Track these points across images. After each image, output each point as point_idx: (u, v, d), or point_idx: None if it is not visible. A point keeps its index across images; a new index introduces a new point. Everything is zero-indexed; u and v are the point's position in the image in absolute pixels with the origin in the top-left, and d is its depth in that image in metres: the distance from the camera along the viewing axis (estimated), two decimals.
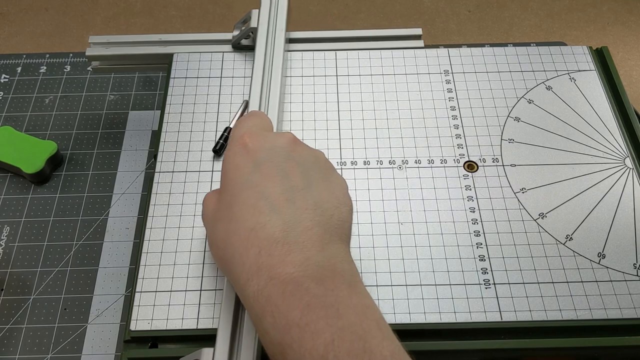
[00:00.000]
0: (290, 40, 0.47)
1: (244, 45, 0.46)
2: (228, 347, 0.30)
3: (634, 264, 0.35)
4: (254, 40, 0.44)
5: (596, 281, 0.34)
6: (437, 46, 0.47)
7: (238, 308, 0.31)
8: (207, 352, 0.30)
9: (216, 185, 0.39)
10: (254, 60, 0.43)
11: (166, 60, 0.46)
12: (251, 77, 0.42)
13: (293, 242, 0.26)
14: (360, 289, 0.27)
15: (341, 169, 0.39)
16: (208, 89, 0.44)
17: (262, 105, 0.40)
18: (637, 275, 0.35)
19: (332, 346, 0.23)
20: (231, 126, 0.41)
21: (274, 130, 0.37)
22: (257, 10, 0.46)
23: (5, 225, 0.43)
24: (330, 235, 0.28)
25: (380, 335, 0.25)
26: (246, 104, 0.42)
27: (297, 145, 0.31)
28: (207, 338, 0.32)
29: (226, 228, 0.28)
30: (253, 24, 0.45)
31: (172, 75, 0.44)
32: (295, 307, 0.24)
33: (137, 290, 0.34)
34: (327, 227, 0.28)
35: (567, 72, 0.45)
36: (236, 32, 0.46)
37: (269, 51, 0.43)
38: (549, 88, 0.44)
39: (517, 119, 0.42)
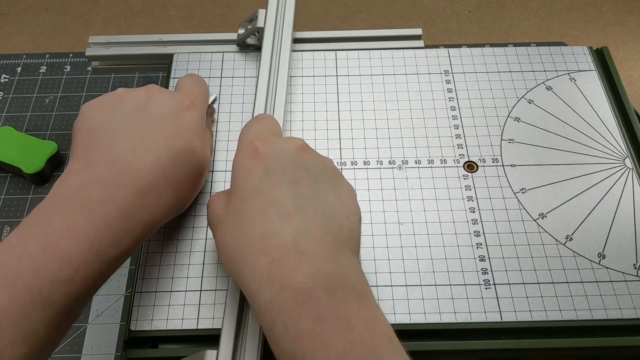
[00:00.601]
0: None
1: (249, 44, 0.46)
2: (232, 349, 0.30)
3: (634, 264, 0.35)
4: (260, 40, 0.44)
5: (596, 281, 0.34)
6: (437, 46, 0.47)
7: (242, 309, 0.31)
8: (210, 354, 0.30)
9: (216, 185, 0.39)
10: (260, 61, 0.43)
11: (166, 60, 0.46)
12: (257, 77, 0.42)
13: (304, 252, 0.26)
14: (371, 301, 0.27)
15: (341, 169, 0.39)
16: (208, 89, 0.43)
17: (268, 107, 0.40)
18: (637, 275, 0.35)
19: (345, 358, 0.23)
20: None
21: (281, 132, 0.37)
22: (264, 10, 0.46)
23: (6, 225, 0.43)
24: (340, 245, 0.28)
25: (392, 349, 0.25)
26: (214, 99, 0.42)
27: (307, 151, 0.31)
28: (207, 338, 0.32)
29: (237, 234, 0.28)
30: (260, 23, 0.45)
31: (172, 75, 0.44)
32: (306, 318, 0.24)
33: (137, 290, 0.34)
34: (336, 237, 0.28)
35: (567, 72, 0.45)
36: (241, 31, 0.46)
37: (275, 52, 0.43)
38: (549, 88, 0.44)
39: (517, 119, 0.42)
